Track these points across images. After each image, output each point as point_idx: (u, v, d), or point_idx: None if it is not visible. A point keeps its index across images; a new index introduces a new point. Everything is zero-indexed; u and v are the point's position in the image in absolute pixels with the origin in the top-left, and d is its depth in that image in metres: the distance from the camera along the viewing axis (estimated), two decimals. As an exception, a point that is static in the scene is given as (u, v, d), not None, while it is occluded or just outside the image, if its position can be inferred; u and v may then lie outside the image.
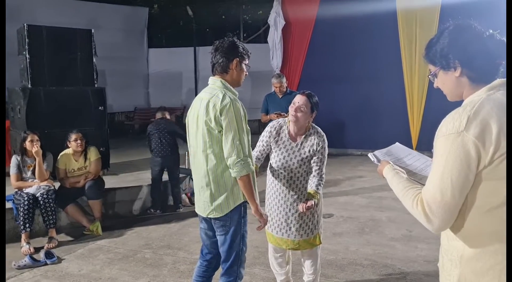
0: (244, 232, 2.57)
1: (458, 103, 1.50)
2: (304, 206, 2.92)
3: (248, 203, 2.52)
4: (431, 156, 1.78)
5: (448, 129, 1.36)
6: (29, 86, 5.87)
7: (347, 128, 9.97)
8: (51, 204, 4.58)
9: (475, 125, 1.33)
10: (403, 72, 9.53)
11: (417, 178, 1.68)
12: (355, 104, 10.00)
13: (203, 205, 2.56)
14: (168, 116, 6.19)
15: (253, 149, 2.72)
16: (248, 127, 2.50)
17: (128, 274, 3.84)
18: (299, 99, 2.98)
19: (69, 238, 4.84)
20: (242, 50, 2.52)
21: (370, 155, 1.84)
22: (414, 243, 4.45)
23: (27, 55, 5.82)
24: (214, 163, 2.44)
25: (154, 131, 5.89)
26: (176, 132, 5.88)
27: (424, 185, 1.48)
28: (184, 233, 4.94)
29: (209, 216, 2.54)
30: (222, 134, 2.38)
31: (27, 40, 5.80)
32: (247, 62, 2.57)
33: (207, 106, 2.42)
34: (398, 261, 4.00)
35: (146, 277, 3.77)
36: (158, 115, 6.17)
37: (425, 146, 9.77)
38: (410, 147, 9.45)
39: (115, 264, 4.06)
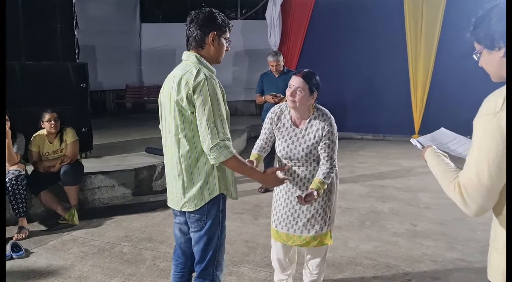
0: (223, 228, 2.28)
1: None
2: (301, 198, 2.56)
3: (226, 195, 2.24)
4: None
5: (484, 111, 1.33)
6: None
7: (347, 111, 9.50)
8: (21, 191, 4.15)
9: None
10: (407, 53, 9.06)
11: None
12: (356, 85, 9.55)
13: (176, 198, 2.25)
14: None
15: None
16: (228, 109, 2.18)
17: (101, 271, 3.44)
18: (294, 81, 2.65)
19: (43, 228, 4.43)
20: (221, 22, 2.20)
21: (413, 141, 1.81)
22: (419, 239, 4.07)
23: (0, 26, 5.30)
24: (187, 149, 2.14)
25: None
26: None
27: None
28: (168, 223, 4.53)
29: (182, 209, 2.24)
30: (195, 115, 2.07)
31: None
32: (227, 36, 2.26)
33: (179, 84, 2.11)
34: (401, 260, 3.63)
35: (120, 275, 3.37)
36: None
37: (428, 131, 9.30)
38: (412, 131, 9.26)
39: (89, 260, 3.66)
